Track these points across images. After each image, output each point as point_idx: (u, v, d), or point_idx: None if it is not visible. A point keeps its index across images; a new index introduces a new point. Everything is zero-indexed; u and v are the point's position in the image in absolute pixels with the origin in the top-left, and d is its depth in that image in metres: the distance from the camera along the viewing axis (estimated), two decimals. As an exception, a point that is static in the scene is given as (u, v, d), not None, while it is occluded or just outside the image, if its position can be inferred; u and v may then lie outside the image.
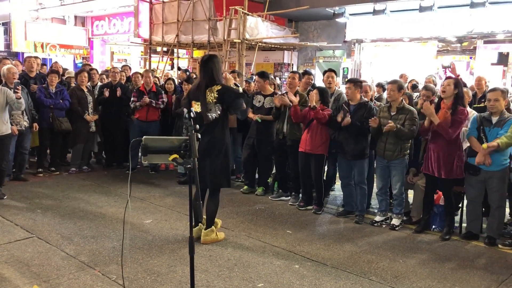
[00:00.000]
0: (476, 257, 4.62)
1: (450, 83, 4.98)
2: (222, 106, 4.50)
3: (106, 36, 18.57)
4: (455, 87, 4.95)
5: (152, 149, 2.67)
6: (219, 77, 4.57)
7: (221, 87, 4.50)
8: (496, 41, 11.15)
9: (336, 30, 13.44)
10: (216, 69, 4.54)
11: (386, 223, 5.50)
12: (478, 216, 5.12)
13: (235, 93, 4.57)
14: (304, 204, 6.07)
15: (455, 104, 4.95)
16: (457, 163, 5.00)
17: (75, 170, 7.54)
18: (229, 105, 4.51)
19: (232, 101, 4.49)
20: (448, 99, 4.99)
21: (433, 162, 5.07)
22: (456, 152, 5.01)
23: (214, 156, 4.54)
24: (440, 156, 5.01)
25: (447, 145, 4.97)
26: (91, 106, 7.54)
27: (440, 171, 5.02)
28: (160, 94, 7.64)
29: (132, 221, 5.28)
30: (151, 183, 7.13)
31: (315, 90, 5.88)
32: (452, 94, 4.96)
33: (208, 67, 4.53)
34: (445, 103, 5.00)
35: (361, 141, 5.54)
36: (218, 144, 4.54)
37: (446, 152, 4.99)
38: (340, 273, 4.11)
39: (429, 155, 5.14)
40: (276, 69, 14.56)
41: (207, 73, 4.52)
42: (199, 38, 12.91)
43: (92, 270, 3.97)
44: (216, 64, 4.57)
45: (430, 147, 5.14)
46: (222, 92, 4.48)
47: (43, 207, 5.70)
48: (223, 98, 4.47)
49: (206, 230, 4.67)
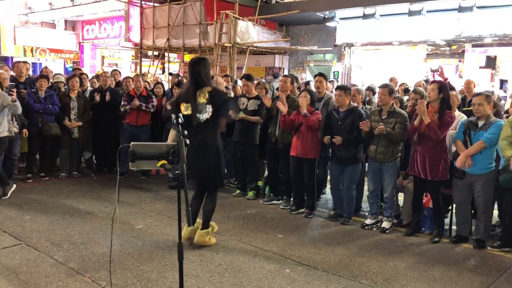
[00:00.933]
0: (466, 260, 4.65)
1: (434, 88, 5.03)
2: (213, 107, 4.52)
3: (97, 40, 18.49)
4: (440, 91, 5.00)
5: (140, 155, 2.66)
6: (208, 79, 4.61)
7: (211, 89, 4.55)
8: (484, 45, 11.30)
9: (327, 34, 13.52)
10: (204, 72, 4.56)
11: (377, 226, 5.53)
12: (467, 219, 5.16)
13: (225, 95, 4.67)
14: (295, 208, 6.08)
15: (441, 107, 5.00)
16: (443, 166, 5.04)
17: (65, 176, 7.49)
18: (219, 107, 4.53)
19: (222, 104, 4.53)
20: (434, 103, 5.04)
21: (419, 164, 5.11)
22: (442, 155, 5.06)
23: (207, 156, 4.56)
24: (426, 158, 5.06)
25: (433, 147, 5.02)
26: (75, 112, 7.44)
27: (426, 172, 5.06)
28: (150, 98, 7.62)
29: (123, 226, 5.24)
30: (142, 188, 7.09)
31: (305, 92, 5.89)
32: (437, 98, 5.01)
33: (196, 69, 4.55)
34: (432, 107, 5.05)
35: (353, 147, 5.57)
36: (210, 144, 4.57)
37: (432, 153, 5.03)
38: (331, 277, 4.11)
39: (415, 157, 5.18)
40: (267, 73, 14.59)
41: (196, 76, 4.54)
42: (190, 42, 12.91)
43: (81, 276, 3.94)
44: (205, 66, 4.59)
45: (417, 149, 5.18)
46: (213, 94, 4.53)
47: (32, 213, 5.65)
48: (214, 99, 4.51)
49: (202, 231, 4.69)
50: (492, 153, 4.94)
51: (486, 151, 4.83)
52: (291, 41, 14.15)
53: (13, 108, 6.14)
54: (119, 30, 17.05)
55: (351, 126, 5.49)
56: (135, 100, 7.38)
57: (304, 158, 5.82)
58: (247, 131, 6.53)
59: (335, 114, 5.63)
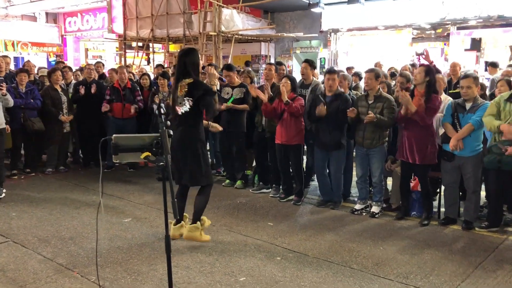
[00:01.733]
0: (454, 241, 4.69)
1: (420, 71, 5.02)
2: (193, 100, 4.36)
3: (80, 32, 18.21)
4: (426, 74, 4.99)
5: (122, 148, 2.61)
6: (193, 70, 4.42)
7: (192, 81, 4.37)
8: (468, 27, 11.32)
9: (312, 20, 13.45)
10: (190, 62, 4.40)
11: (366, 211, 5.55)
12: (455, 201, 5.20)
13: (204, 89, 4.40)
14: (285, 196, 6.08)
15: (428, 91, 4.99)
16: (431, 149, 5.06)
17: (51, 171, 7.39)
18: (198, 100, 4.35)
19: (200, 97, 4.34)
20: (420, 86, 5.03)
21: (407, 149, 5.12)
22: (430, 138, 5.07)
23: (186, 150, 4.38)
24: (414, 143, 5.06)
25: (421, 132, 5.03)
26: (66, 106, 7.36)
27: (414, 157, 5.07)
28: (135, 90, 7.52)
29: (111, 220, 5.20)
30: (130, 181, 7.03)
31: (286, 79, 5.84)
32: (423, 81, 5.00)
33: (181, 60, 4.43)
34: (418, 90, 5.05)
35: (337, 132, 5.55)
36: (189, 138, 4.39)
37: (419, 138, 5.04)
38: (321, 263, 4.12)
39: (403, 142, 5.19)
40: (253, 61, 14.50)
41: (180, 66, 4.43)
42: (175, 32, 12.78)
43: (70, 272, 3.89)
44: (191, 57, 4.43)
45: (404, 134, 5.19)
46: (192, 86, 4.36)
47: (18, 209, 5.57)
48: (192, 92, 4.35)
49: (190, 225, 4.51)
50: (480, 135, 4.97)
51: (474, 133, 4.85)
52: (277, 28, 14.07)
53: (4, 101, 6.03)
54: (102, 21, 16.80)
55: (337, 111, 5.46)
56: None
57: (289, 145, 5.80)
58: (235, 120, 6.48)
59: (322, 99, 5.59)
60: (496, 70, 8.66)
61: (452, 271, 3.98)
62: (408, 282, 3.76)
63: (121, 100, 7.34)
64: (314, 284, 3.72)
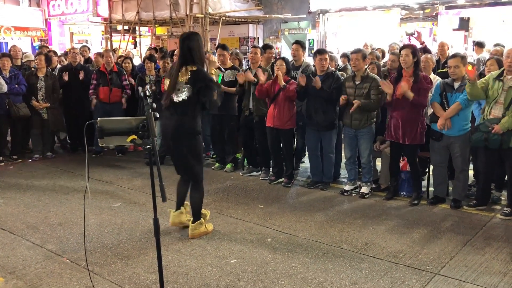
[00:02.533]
0: (443, 220, 4.74)
1: (408, 53, 4.96)
2: (193, 89, 4.09)
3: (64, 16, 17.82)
4: (414, 55, 4.96)
5: (108, 131, 2.56)
6: (198, 57, 4.15)
7: (196, 69, 4.08)
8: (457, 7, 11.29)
9: (300, 1, 13.32)
10: (194, 48, 4.12)
11: (356, 192, 5.58)
12: (444, 180, 5.24)
13: (207, 79, 4.13)
14: (275, 178, 6.08)
15: (415, 71, 4.98)
16: (420, 129, 5.07)
17: (38, 157, 7.30)
18: (199, 91, 4.09)
19: (202, 88, 4.08)
20: (409, 68, 5.02)
21: (396, 129, 5.12)
22: (419, 118, 5.08)
23: (180, 142, 4.14)
24: (402, 123, 5.07)
25: (409, 112, 5.02)
26: (42, 92, 7.13)
27: (404, 137, 5.08)
28: (122, 74, 7.41)
29: (100, 205, 5.16)
30: (119, 166, 6.98)
31: (281, 61, 5.79)
32: (412, 63, 4.98)
33: (185, 45, 4.13)
34: (407, 71, 5.03)
35: (330, 112, 5.54)
36: (183, 129, 4.11)
37: (408, 118, 5.04)
38: (312, 244, 4.14)
39: (391, 122, 5.19)
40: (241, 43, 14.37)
41: (186, 51, 4.13)
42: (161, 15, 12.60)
43: (60, 258, 3.87)
44: (195, 42, 4.14)
45: (393, 114, 5.19)
46: (196, 74, 4.06)
47: (6, 196, 5.50)
48: (194, 81, 4.07)
49: (194, 223, 4.30)
50: (468, 114, 4.99)
51: (462, 113, 4.87)
52: (265, 9, 13.91)
53: None
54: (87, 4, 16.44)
55: (330, 90, 5.44)
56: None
57: (281, 129, 5.78)
58: (226, 102, 6.38)
59: (313, 78, 5.54)
60: (482, 50, 8.67)
61: (441, 249, 4.03)
62: (397, 261, 3.79)
63: (108, 84, 7.24)
64: (305, 264, 3.74)
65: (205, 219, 4.43)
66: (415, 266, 3.70)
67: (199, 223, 4.31)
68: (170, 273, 3.57)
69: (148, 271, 3.62)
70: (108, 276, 3.56)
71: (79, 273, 3.59)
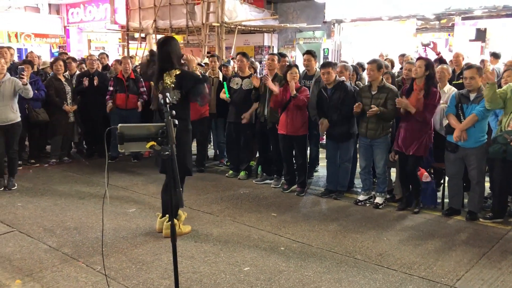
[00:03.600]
0: (458, 232, 4.70)
1: (421, 65, 4.97)
2: (181, 92, 4.25)
3: (82, 23, 18.14)
4: (426, 68, 4.96)
5: (128, 137, 2.61)
6: (177, 60, 4.30)
7: (180, 72, 4.24)
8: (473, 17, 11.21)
9: (316, 10, 13.36)
10: (173, 52, 4.27)
11: (370, 202, 5.55)
12: (459, 192, 5.20)
13: (195, 78, 4.31)
14: (288, 186, 6.08)
15: (427, 84, 4.97)
16: (425, 142, 5.06)
17: (55, 162, 7.41)
18: (188, 91, 4.26)
19: (192, 87, 4.23)
20: (419, 80, 5.01)
21: (403, 140, 5.14)
22: (427, 131, 5.08)
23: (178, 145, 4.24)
24: (409, 134, 5.08)
25: (416, 123, 5.03)
26: (70, 96, 7.37)
27: (408, 147, 5.08)
28: (139, 81, 7.51)
29: (115, 210, 5.22)
30: (134, 172, 7.05)
31: (295, 68, 5.82)
32: (423, 75, 4.97)
33: (164, 50, 4.27)
34: (417, 84, 5.03)
35: (346, 124, 5.56)
36: (179, 131, 4.23)
37: (415, 130, 5.04)
38: (325, 253, 4.13)
39: (399, 133, 5.19)
40: (256, 51, 14.44)
41: (164, 56, 4.26)
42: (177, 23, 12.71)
43: (75, 261, 3.92)
44: (173, 46, 4.30)
45: (402, 125, 5.20)
46: (181, 77, 4.22)
47: (23, 200, 5.60)
48: (181, 83, 4.23)
49: (168, 223, 4.36)
50: (484, 126, 4.95)
51: (478, 124, 4.83)
52: (280, 18, 13.97)
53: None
54: (105, 12, 16.72)
55: (339, 102, 5.45)
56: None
57: (294, 136, 5.80)
58: (243, 111, 6.46)
59: (324, 93, 5.60)
60: (497, 60, 8.62)
61: (456, 261, 3.99)
62: (411, 273, 3.77)
63: (125, 91, 7.34)
64: (318, 274, 3.73)
65: (180, 220, 4.49)
66: (430, 278, 3.67)
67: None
68: (184, 279, 3.59)
69: (162, 277, 3.65)
70: (123, 280, 3.60)
71: (94, 277, 3.64)
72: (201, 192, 6.01)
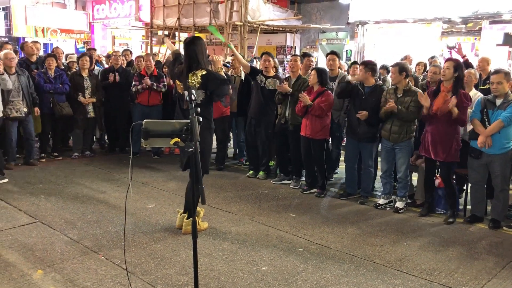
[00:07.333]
0: (480, 240, 4.61)
1: (450, 66, 4.87)
2: (206, 92, 4.29)
3: (107, 20, 18.40)
4: (455, 70, 4.85)
5: (153, 133, 2.63)
6: (203, 60, 4.33)
7: (205, 72, 4.27)
8: (502, 22, 10.99)
9: (339, 11, 13.28)
10: (200, 52, 4.29)
11: (390, 206, 5.49)
12: (482, 199, 5.09)
13: (220, 79, 4.34)
14: (308, 188, 6.05)
15: (455, 86, 4.86)
16: (455, 146, 4.96)
17: (77, 155, 7.53)
18: (213, 92, 4.30)
19: (217, 88, 4.28)
20: (447, 82, 4.91)
21: (430, 145, 5.02)
22: (454, 135, 4.96)
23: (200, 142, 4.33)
24: (437, 139, 4.97)
25: (445, 128, 4.92)
26: (89, 91, 7.38)
27: (437, 153, 4.98)
28: (161, 78, 7.57)
29: (136, 205, 5.27)
30: (154, 168, 7.11)
31: (314, 71, 5.79)
32: (452, 77, 4.87)
33: (191, 49, 4.30)
34: (445, 86, 4.93)
35: (373, 125, 5.49)
36: (202, 129, 4.18)
37: (444, 135, 4.94)
38: (344, 256, 4.10)
39: (426, 137, 5.09)
40: (278, 52, 14.43)
41: (191, 56, 4.30)
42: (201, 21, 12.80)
43: (95, 254, 3.98)
44: (199, 46, 4.32)
45: (428, 129, 5.10)
46: (206, 77, 4.26)
47: (46, 192, 5.70)
48: (207, 84, 4.26)
49: (188, 220, 4.45)
50: (510, 132, 4.82)
51: (503, 131, 4.73)
52: (303, 19, 13.93)
53: (2, 83, 6.00)
54: (129, 9, 16.93)
55: (375, 103, 5.38)
56: (146, 79, 7.34)
57: (313, 139, 5.77)
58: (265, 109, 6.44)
59: (360, 88, 5.51)
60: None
61: (478, 270, 3.91)
62: (432, 279, 3.71)
63: (147, 88, 7.40)
64: (336, 276, 3.70)
65: (198, 217, 4.49)
66: (450, 285, 3.61)
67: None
68: (202, 276, 3.60)
69: (180, 273, 3.67)
70: (141, 275, 3.63)
71: (113, 271, 3.68)
72: (220, 190, 6.03)
